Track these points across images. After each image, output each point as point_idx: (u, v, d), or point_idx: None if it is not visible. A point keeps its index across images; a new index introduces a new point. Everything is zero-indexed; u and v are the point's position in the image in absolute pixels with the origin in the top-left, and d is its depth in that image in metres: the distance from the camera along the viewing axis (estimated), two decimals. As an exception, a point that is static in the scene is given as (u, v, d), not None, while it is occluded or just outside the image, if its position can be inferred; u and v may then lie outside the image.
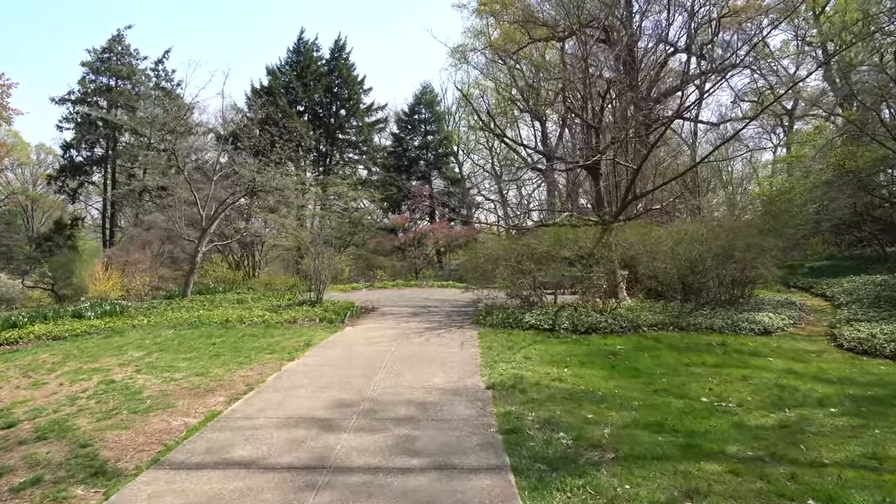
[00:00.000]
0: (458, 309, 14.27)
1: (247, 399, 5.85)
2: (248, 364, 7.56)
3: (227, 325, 10.76)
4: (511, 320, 11.48)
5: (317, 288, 12.87)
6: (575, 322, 11.26)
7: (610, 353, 9.01)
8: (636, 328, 11.35)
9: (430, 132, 40.95)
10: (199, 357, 8.08)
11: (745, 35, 21.95)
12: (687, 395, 6.44)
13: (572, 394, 6.29)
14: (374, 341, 9.36)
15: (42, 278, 36.03)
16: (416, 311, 13.75)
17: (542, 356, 8.47)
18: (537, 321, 11.27)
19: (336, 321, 11.26)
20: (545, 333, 10.68)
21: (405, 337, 9.87)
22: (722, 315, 12.11)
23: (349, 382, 6.57)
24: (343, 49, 39.70)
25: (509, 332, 10.74)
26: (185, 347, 8.88)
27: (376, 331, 10.57)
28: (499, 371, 7.26)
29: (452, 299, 16.75)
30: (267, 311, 12.12)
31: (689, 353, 9.10)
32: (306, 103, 38.49)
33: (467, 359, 8.12)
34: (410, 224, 34.83)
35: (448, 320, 12.29)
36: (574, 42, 22.56)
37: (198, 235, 15.62)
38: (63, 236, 40.12)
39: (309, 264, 12.80)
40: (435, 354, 8.36)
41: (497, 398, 6.01)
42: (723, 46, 22.19)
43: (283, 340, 9.28)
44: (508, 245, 12.41)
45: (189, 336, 9.88)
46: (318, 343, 9.09)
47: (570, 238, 12.17)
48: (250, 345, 8.92)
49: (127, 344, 9.39)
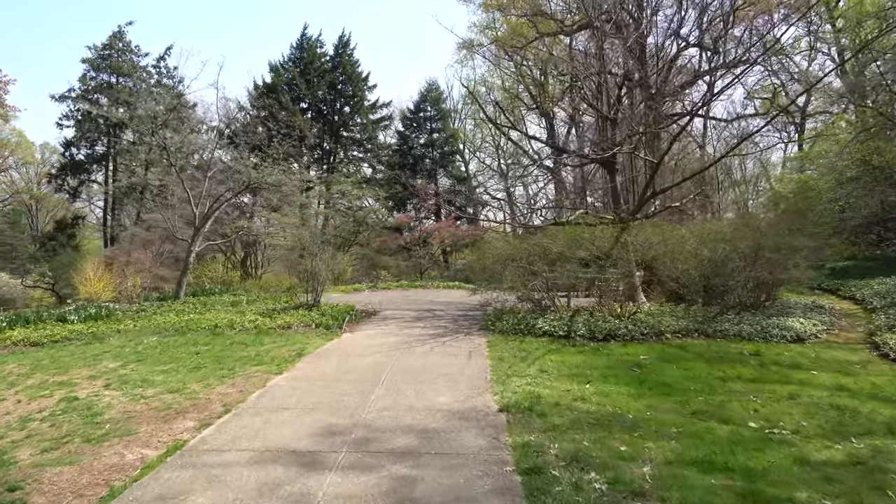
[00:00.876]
0: (464, 313, 13.43)
1: (220, 424, 5.03)
2: (230, 378, 6.75)
3: (216, 332, 9.96)
4: (523, 326, 10.62)
5: (314, 291, 12.06)
6: (592, 328, 10.40)
7: (634, 364, 8.14)
8: (658, 335, 10.48)
9: (436, 130, 40.16)
10: (178, 369, 7.29)
11: (757, 32, 20.94)
12: (731, 419, 5.56)
13: (599, 418, 5.43)
14: (373, 350, 8.53)
15: (41, 278, 35.56)
16: (419, 316, 12.92)
17: (560, 369, 7.61)
18: (551, 327, 10.41)
19: (333, 327, 10.44)
20: (560, 341, 9.82)
21: (407, 345, 9.03)
22: (749, 320, 11.22)
23: (341, 402, 5.74)
24: (347, 45, 38.94)
25: (521, 339, 9.89)
26: (165, 357, 8.09)
27: (376, 338, 9.74)
28: (512, 388, 6.41)
29: (459, 302, 15.91)
30: (260, 316, 11.32)
31: (721, 364, 8.21)
32: (310, 100, 37.74)
33: (476, 372, 7.27)
34: (415, 223, 34.04)
35: (454, 326, 11.46)
36: (582, 37, 21.68)
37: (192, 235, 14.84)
38: (65, 235, 39.68)
39: (306, 265, 12.00)
40: (440, 367, 7.52)
41: (512, 424, 5.16)
42: (735, 42, 21.21)
43: (273, 349, 8.48)
44: (519, 245, 11.55)
45: (173, 344, 9.09)
46: (311, 352, 8.27)
47: (587, 237, 11.29)
48: (237, 354, 8.11)
49: (104, 352, 8.62)
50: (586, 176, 32.15)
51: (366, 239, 34.46)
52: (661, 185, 13.81)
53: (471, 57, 35.24)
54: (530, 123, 35.61)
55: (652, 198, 13.20)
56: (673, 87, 21.43)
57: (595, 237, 11.25)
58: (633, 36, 18.13)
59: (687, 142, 27.55)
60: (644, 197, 12.87)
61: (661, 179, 17.65)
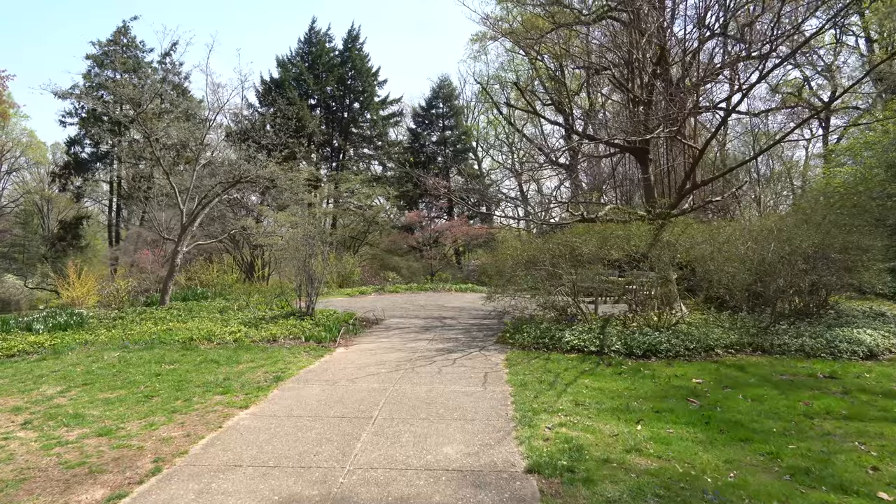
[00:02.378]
0: (478, 321, 11.93)
1: (137, 496, 3.60)
2: (183, 413, 5.33)
3: (189, 346, 8.57)
4: (547, 339, 9.10)
5: (308, 297, 10.64)
6: (628, 342, 8.86)
7: (688, 391, 6.58)
8: (707, 350, 8.92)
9: (448, 127, 38.86)
10: (125, 398, 5.89)
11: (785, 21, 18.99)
12: (849, 485, 3.99)
13: (668, 485, 3.89)
14: (369, 373, 7.07)
15: (44, 279, 34.82)
16: (428, 325, 11.45)
17: (599, 399, 6.07)
18: (580, 341, 8.88)
19: (326, 340, 9.00)
20: (592, 358, 8.29)
21: (410, 365, 7.55)
22: (809, 331, 9.63)
23: (314, 455, 4.27)
24: (357, 39, 37.72)
25: (546, 356, 8.37)
26: (118, 380, 6.71)
27: (374, 354, 8.28)
28: (542, 431, 4.90)
29: (472, 307, 14.42)
30: (244, 326, 9.93)
31: (796, 392, 6.61)
32: (318, 96, 36.60)
33: (494, 404, 5.77)
34: (427, 222, 32.63)
35: (467, 338, 9.96)
36: (599, 30, 20.02)
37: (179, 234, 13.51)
38: (70, 236, 39.01)
39: (299, 267, 10.59)
40: (448, 397, 6.03)
41: (547, 496, 3.66)
42: (766, 31, 19.35)
43: (248, 370, 7.05)
44: (542, 245, 10.01)
45: (135, 361, 7.72)
46: (292, 376, 6.83)
47: (620, 235, 9.72)
48: (203, 378, 6.70)
49: (52, 373, 7.27)
50: (606, 170, 30.45)
51: (376, 239, 33.18)
52: (703, 177, 12.15)
53: (484, 52, 33.85)
54: (545, 121, 34.05)
55: (692, 191, 11.58)
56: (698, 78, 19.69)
57: (631, 235, 9.66)
58: (655, 25, 16.48)
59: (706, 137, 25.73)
60: (683, 190, 11.26)
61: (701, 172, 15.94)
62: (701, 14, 18.77)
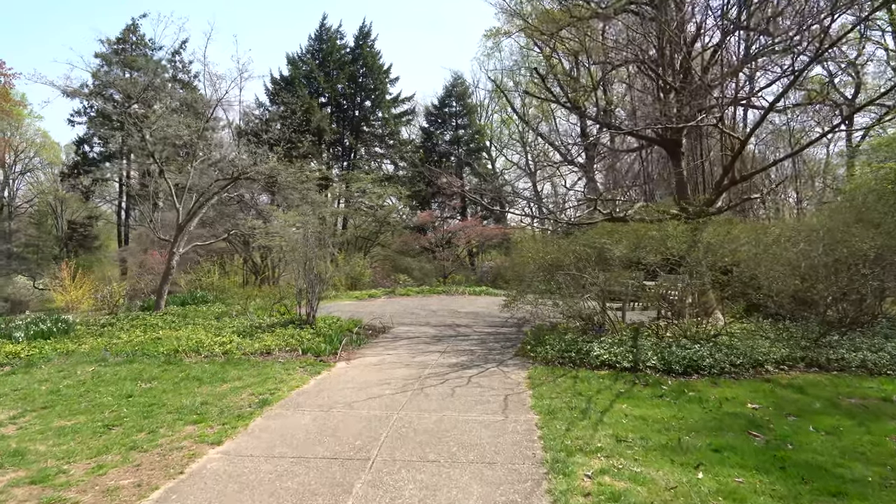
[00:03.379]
0: (495, 330, 10.93)
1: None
2: (143, 449, 4.43)
3: (173, 360, 7.69)
4: (573, 353, 8.07)
5: (308, 303, 9.73)
6: (665, 356, 7.81)
7: (747, 421, 5.53)
8: (756, 366, 7.85)
9: (462, 126, 37.95)
10: (82, 428, 5.01)
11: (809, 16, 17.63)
12: None
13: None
14: (371, 394, 6.11)
15: (53, 280, 34.56)
16: (439, 334, 10.48)
17: (643, 432, 5.05)
18: (611, 355, 7.84)
19: (325, 353, 8.06)
20: (626, 376, 7.25)
21: (419, 384, 6.59)
22: (866, 343, 8.56)
23: (293, 517, 3.33)
24: (368, 35, 36.91)
25: (573, 373, 7.34)
26: (83, 403, 5.84)
27: (379, 370, 7.33)
28: (579, 483, 3.90)
29: (487, 313, 13.43)
30: (238, 336, 9.03)
31: (875, 421, 5.52)
32: (329, 94, 35.84)
33: (518, 439, 4.78)
34: (440, 222, 31.71)
35: (483, 350, 8.96)
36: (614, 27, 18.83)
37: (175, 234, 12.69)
38: (79, 236, 38.81)
39: (299, 271, 9.69)
40: (463, 428, 5.05)
41: None
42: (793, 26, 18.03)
43: (232, 392, 6.13)
44: (566, 246, 8.97)
45: (109, 378, 6.86)
46: (282, 398, 5.89)
47: (655, 237, 8.65)
48: (179, 401, 5.79)
49: (13, 392, 6.43)
50: (623, 169, 29.27)
51: (387, 239, 32.34)
52: (743, 171, 11.02)
53: (497, 49, 32.83)
54: (564, 109, 32.99)
55: (730, 187, 10.48)
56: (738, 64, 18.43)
57: (667, 236, 8.59)
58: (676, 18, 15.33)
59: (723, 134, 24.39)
60: (721, 186, 10.17)
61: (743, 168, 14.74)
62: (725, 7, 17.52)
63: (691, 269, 8.94)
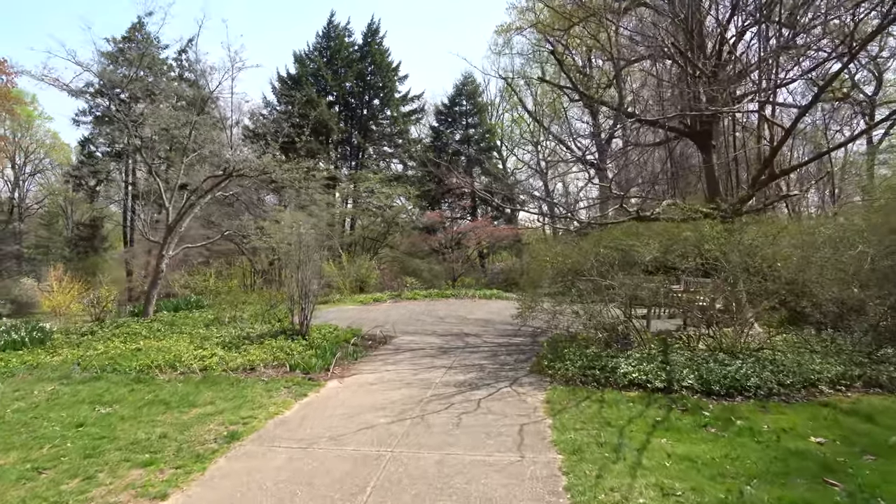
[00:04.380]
0: (507, 340, 9.95)
1: None
2: (69, 505, 3.53)
3: (144, 377, 6.81)
4: (597, 370, 7.07)
5: (301, 312, 8.81)
6: (703, 374, 6.79)
7: (817, 463, 4.52)
8: (808, 386, 6.81)
9: (472, 125, 37.03)
10: (6, 472, 4.13)
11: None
12: None
13: None
14: (362, 424, 5.17)
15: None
16: (446, 344, 9.52)
17: (693, 480, 4.05)
18: (641, 373, 6.83)
19: (316, 369, 7.13)
20: (659, 399, 6.24)
21: (420, 411, 5.63)
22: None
23: None
24: (377, 33, 36.11)
25: (598, 395, 6.35)
26: (23, 435, 4.98)
27: (375, 391, 6.39)
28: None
29: (498, 320, 12.45)
30: (223, 348, 8.15)
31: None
32: (337, 92, 35.07)
33: (538, 491, 3.80)
34: (449, 223, 30.78)
35: (494, 364, 7.99)
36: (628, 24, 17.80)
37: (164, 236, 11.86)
38: (85, 237, 38.48)
39: (291, 276, 8.79)
40: (470, 475, 4.08)
41: None
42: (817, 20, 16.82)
43: (198, 421, 5.23)
44: (588, 249, 7.96)
45: (66, 400, 6.00)
46: (256, 430, 4.97)
47: (690, 237, 7.62)
48: (134, 433, 4.90)
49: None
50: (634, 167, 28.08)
51: (396, 241, 31.51)
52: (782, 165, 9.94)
53: (508, 46, 31.85)
54: (573, 119, 32.11)
55: (769, 183, 9.41)
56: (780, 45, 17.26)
57: (705, 237, 7.55)
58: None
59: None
60: (758, 181, 9.11)
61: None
62: None
63: (729, 273, 7.91)
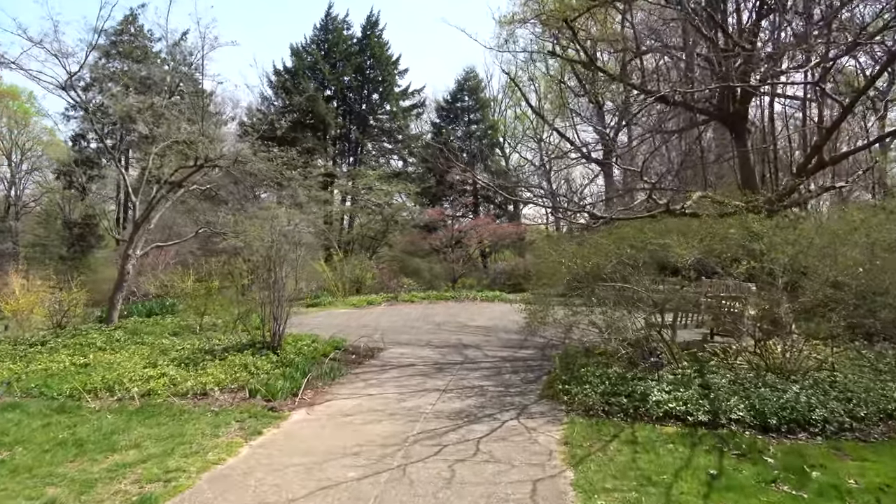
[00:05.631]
0: (512, 353, 8.67)
1: None
2: None
3: (70, 406, 5.55)
4: (623, 396, 5.79)
5: (273, 321, 7.51)
6: (753, 403, 5.53)
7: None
8: (886, 418, 5.58)
9: (474, 121, 35.82)
10: None
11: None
12: None
13: None
14: (324, 481, 3.89)
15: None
16: (442, 359, 8.24)
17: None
18: (678, 402, 5.56)
19: (281, 394, 5.85)
20: (705, 436, 4.98)
21: (402, 456, 4.37)
22: None
23: None
24: (376, 25, 34.89)
25: (629, 430, 5.08)
26: None
27: (348, 425, 5.12)
28: None
29: (502, 327, 11.17)
30: (178, 365, 6.90)
31: None
32: (334, 86, 33.89)
33: None
34: (450, 221, 29.54)
35: (497, 386, 6.72)
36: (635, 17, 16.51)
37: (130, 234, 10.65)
38: (74, 236, 37.51)
39: (260, 280, 7.52)
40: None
41: None
42: None
43: (111, 474, 3.96)
44: (611, 248, 6.66)
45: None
46: (180, 491, 3.69)
47: (734, 235, 6.34)
48: (16, 498, 3.66)
49: None
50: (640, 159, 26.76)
51: (395, 239, 30.33)
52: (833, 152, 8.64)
53: (512, 39, 30.60)
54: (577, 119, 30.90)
55: (816, 171, 8.13)
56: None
57: (750, 235, 6.27)
58: None
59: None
60: (805, 169, 7.83)
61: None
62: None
63: (776, 276, 6.62)
